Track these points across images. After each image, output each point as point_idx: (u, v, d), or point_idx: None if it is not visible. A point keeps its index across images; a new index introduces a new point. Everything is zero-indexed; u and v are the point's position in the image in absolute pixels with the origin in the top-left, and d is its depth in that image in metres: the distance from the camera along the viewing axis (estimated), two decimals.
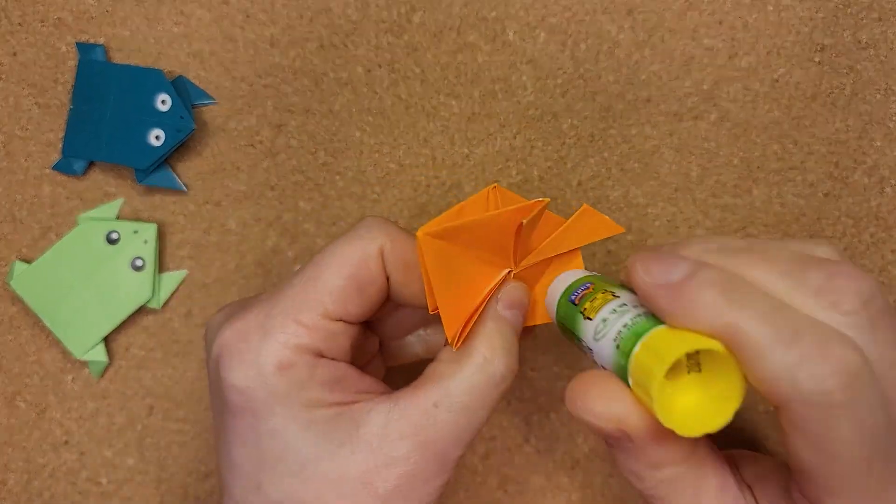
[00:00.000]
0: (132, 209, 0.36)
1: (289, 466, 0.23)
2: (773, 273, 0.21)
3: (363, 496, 0.23)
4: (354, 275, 0.25)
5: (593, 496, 0.35)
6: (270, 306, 0.25)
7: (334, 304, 0.25)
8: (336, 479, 0.23)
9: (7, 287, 0.36)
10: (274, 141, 0.36)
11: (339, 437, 0.23)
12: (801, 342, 0.19)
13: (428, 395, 0.24)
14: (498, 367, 0.24)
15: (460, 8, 0.35)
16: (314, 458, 0.23)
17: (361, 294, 0.25)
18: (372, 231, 0.25)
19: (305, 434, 0.23)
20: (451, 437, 0.24)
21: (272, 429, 0.24)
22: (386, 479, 0.23)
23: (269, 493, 0.24)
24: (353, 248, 0.25)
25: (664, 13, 0.35)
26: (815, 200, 0.35)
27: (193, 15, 0.36)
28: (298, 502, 0.23)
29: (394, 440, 0.23)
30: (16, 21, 0.36)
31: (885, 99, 0.35)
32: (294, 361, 0.24)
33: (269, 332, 0.24)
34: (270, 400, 0.24)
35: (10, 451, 0.36)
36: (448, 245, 0.24)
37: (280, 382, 0.24)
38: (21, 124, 0.36)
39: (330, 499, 0.23)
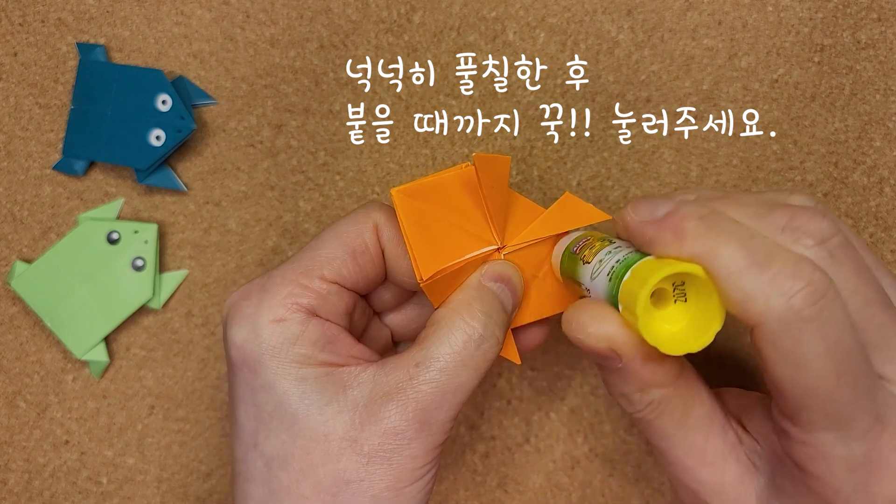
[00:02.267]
0: (132, 209, 0.36)
1: (281, 422, 0.25)
2: (744, 215, 0.23)
3: (348, 453, 0.24)
4: (349, 244, 0.27)
5: (593, 496, 0.35)
6: (272, 272, 0.27)
7: (329, 267, 0.26)
8: (323, 436, 0.24)
9: (7, 287, 0.36)
10: (274, 141, 0.36)
11: (328, 395, 0.25)
12: (773, 264, 0.21)
13: (411, 357, 0.25)
14: (476, 329, 0.25)
15: (460, 8, 0.35)
16: (303, 415, 0.24)
17: (356, 261, 0.27)
18: (368, 210, 0.27)
19: (295, 389, 0.25)
20: (432, 398, 0.24)
21: (265, 382, 0.25)
22: (370, 437, 0.24)
23: (263, 449, 0.25)
24: (348, 223, 0.27)
25: (664, 13, 0.35)
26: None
27: (193, 15, 0.36)
28: (288, 457, 0.24)
29: (377, 400, 0.24)
30: (16, 21, 0.36)
31: (884, 99, 0.35)
32: (287, 317, 0.25)
33: (267, 290, 0.26)
34: (264, 354, 0.25)
35: (10, 451, 0.36)
36: (424, 206, 0.26)
37: (272, 336, 0.25)
38: (21, 124, 0.36)
39: (316, 455, 0.24)
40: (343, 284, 0.27)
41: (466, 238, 0.27)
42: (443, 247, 0.26)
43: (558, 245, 0.28)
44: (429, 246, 0.26)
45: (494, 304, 0.26)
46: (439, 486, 0.35)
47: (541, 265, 0.28)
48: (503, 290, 0.26)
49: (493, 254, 0.27)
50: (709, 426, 0.26)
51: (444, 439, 0.25)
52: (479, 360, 0.25)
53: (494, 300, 0.26)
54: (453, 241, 0.27)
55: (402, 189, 0.26)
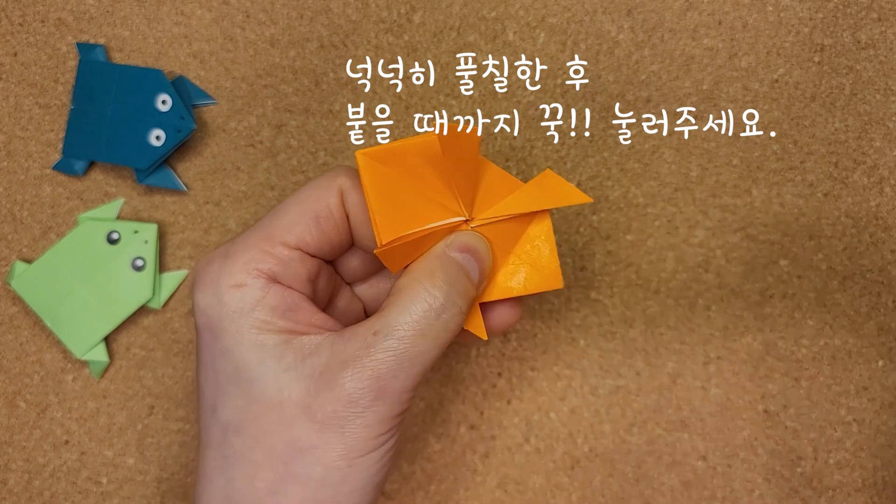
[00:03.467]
0: (132, 209, 0.36)
1: (238, 387, 0.25)
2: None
3: (302, 421, 0.24)
4: (312, 209, 0.26)
5: (593, 496, 0.35)
6: (235, 238, 0.27)
7: (291, 233, 0.26)
8: (278, 402, 0.24)
9: (7, 287, 0.36)
10: (274, 141, 0.36)
11: (285, 362, 0.24)
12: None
13: (370, 325, 0.25)
14: (438, 298, 0.25)
15: (460, 8, 0.35)
16: (259, 381, 0.24)
17: (318, 226, 0.26)
18: (334, 175, 0.27)
19: (252, 355, 0.25)
20: (389, 366, 0.24)
21: (224, 348, 0.25)
22: (323, 404, 0.24)
23: (220, 415, 0.25)
24: (312, 188, 0.27)
25: (664, 13, 0.35)
26: (815, 200, 0.35)
27: (193, 15, 0.36)
28: (242, 423, 0.24)
29: (334, 368, 0.24)
30: (16, 21, 0.36)
31: (884, 99, 0.35)
32: (247, 282, 0.25)
33: (229, 256, 0.26)
34: (224, 319, 0.25)
35: (10, 451, 0.36)
36: (390, 171, 0.26)
37: (232, 301, 0.25)
38: (21, 124, 0.36)
39: (270, 422, 0.24)
40: (306, 250, 0.26)
41: (432, 207, 0.26)
42: (406, 214, 0.26)
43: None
44: (392, 211, 0.25)
45: (458, 275, 0.26)
46: (439, 486, 0.36)
47: (514, 241, 0.27)
48: (469, 260, 0.26)
49: (461, 225, 0.27)
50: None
51: (402, 410, 0.25)
52: (439, 330, 0.25)
53: (459, 270, 0.26)
54: (418, 209, 0.26)
55: (367, 152, 0.25)
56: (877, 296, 0.35)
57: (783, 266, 0.35)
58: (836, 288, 0.35)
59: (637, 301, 0.35)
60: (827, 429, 0.35)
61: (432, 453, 0.36)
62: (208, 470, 0.25)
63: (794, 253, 0.35)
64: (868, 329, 0.35)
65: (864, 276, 0.35)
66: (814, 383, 0.35)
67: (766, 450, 0.35)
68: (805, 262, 0.35)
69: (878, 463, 0.35)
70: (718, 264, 0.35)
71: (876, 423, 0.35)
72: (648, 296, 0.35)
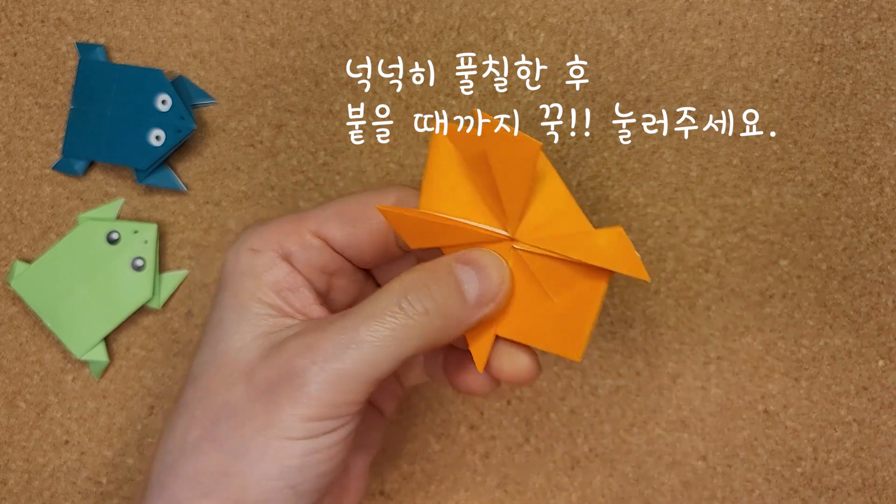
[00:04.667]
0: (132, 209, 0.36)
1: (212, 338, 0.26)
2: None
3: (241, 384, 0.24)
4: (352, 211, 0.27)
5: (593, 496, 0.35)
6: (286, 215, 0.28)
7: (323, 224, 0.27)
8: (233, 360, 0.24)
9: (7, 287, 0.36)
10: (274, 141, 0.36)
11: (256, 332, 0.25)
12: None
13: (344, 312, 0.24)
14: (411, 301, 0.24)
15: (460, 8, 0.35)
16: (229, 338, 0.25)
17: (353, 226, 0.27)
18: (390, 189, 0.28)
19: (234, 315, 0.25)
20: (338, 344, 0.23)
21: (221, 300, 0.26)
22: (265, 369, 0.24)
23: (193, 361, 0.26)
24: (364, 194, 0.28)
25: (664, 13, 0.35)
26: (815, 200, 0.35)
27: (193, 15, 0.36)
28: (200, 374, 0.25)
29: (290, 338, 0.24)
30: (16, 21, 0.36)
31: (884, 99, 0.35)
32: (262, 250, 0.27)
33: (265, 225, 0.27)
34: (232, 275, 0.26)
35: (10, 451, 0.36)
36: (458, 153, 0.25)
37: (243, 262, 0.26)
38: (21, 124, 0.36)
39: (219, 378, 0.24)
40: (330, 244, 0.27)
41: (481, 208, 0.24)
42: (454, 199, 0.24)
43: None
44: (441, 189, 0.25)
45: (443, 280, 0.24)
46: (439, 486, 0.36)
47: (557, 284, 0.25)
48: (469, 274, 0.24)
49: (503, 240, 0.25)
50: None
51: (343, 401, 0.23)
52: (398, 323, 0.23)
53: (449, 281, 0.24)
54: (466, 202, 0.25)
55: (449, 127, 0.25)
56: (877, 296, 0.35)
57: (783, 266, 0.35)
58: (837, 288, 0.35)
59: (637, 301, 0.35)
60: (827, 429, 0.35)
61: (432, 453, 0.36)
62: (168, 417, 0.26)
63: (794, 253, 0.35)
64: (868, 329, 0.35)
65: (865, 276, 0.35)
66: (814, 383, 0.35)
67: (766, 450, 0.35)
68: (805, 262, 0.35)
69: (878, 463, 0.35)
70: (718, 264, 0.35)
71: (876, 423, 0.35)
72: (648, 296, 0.35)
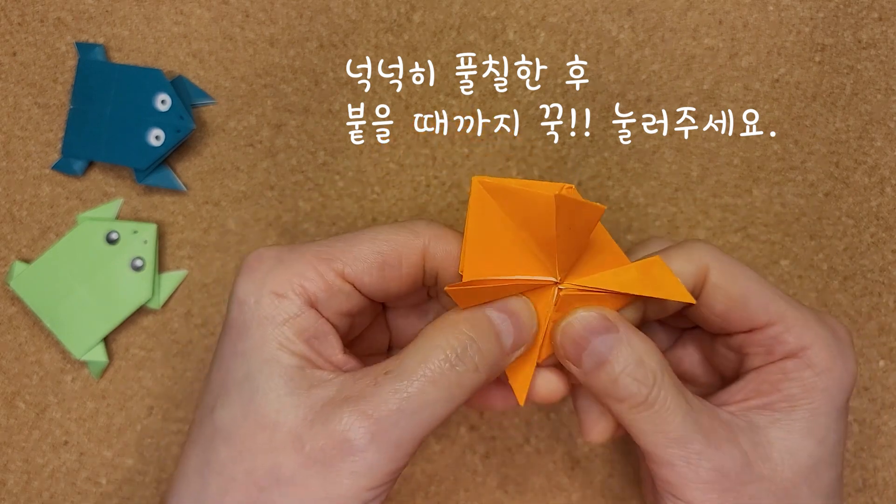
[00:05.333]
0: (132, 209, 0.36)
1: (241, 395, 0.24)
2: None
3: (288, 449, 0.23)
4: (384, 252, 0.25)
5: (593, 496, 0.35)
6: (298, 246, 0.26)
7: (353, 267, 0.25)
8: (272, 423, 0.23)
9: (6, 287, 0.36)
10: (273, 141, 0.36)
11: (291, 386, 0.24)
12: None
13: (384, 365, 0.24)
14: (456, 348, 0.24)
15: (460, 8, 0.35)
16: (262, 395, 0.23)
17: (382, 272, 0.26)
18: (419, 226, 0.26)
19: (264, 368, 0.24)
20: (391, 408, 0.23)
21: (243, 349, 0.24)
22: (315, 437, 0.23)
23: (216, 417, 0.24)
24: (395, 232, 0.26)
25: (664, 12, 0.35)
26: (816, 200, 0.35)
27: (193, 14, 0.36)
28: (233, 433, 0.24)
29: (336, 402, 0.23)
30: (15, 21, 0.36)
31: (885, 99, 0.35)
32: (288, 295, 0.25)
33: (282, 262, 0.25)
34: (253, 321, 0.24)
35: (9, 452, 0.36)
36: (498, 207, 0.25)
37: (268, 306, 0.24)
38: (20, 124, 0.36)
39: (259, 441, 0.23)
40: (359, 289, 0.26)
41: (527, 258, 0.25)
42: (498, 257, 0.25)
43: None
44: (484, 250, 0.25)
45: (485, 332, 0.24)
46: (439, 486, 0.35)
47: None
48: (505, 321, 0.25)
49: (549, 286, 0.25)
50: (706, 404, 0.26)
51: (398, 467, 0.23)
52: (451, 382, 0.23)
53: (488, 327, 0.24)
54: (512, 257, 0.25)
55: (485, 181, 0.24)
56: (878, 296, 0.35)
57: (784, 266, 0.35)
58: (837, 288, 0.35)
59: None
60: None
61: (432, 454, 0.36)
62: (188, 469, 0.24)
63: (794, 253, 0.35)
64: (869, 329, 0.35)
65: (865, 276, 0.35)
66: None
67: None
68: (806, 262, 0.35)
69: (879, 463, 0.35)
70: None
71: (876, 423, 0.35)
72: None
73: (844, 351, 0.26)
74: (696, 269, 0.26)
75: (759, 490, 0.24)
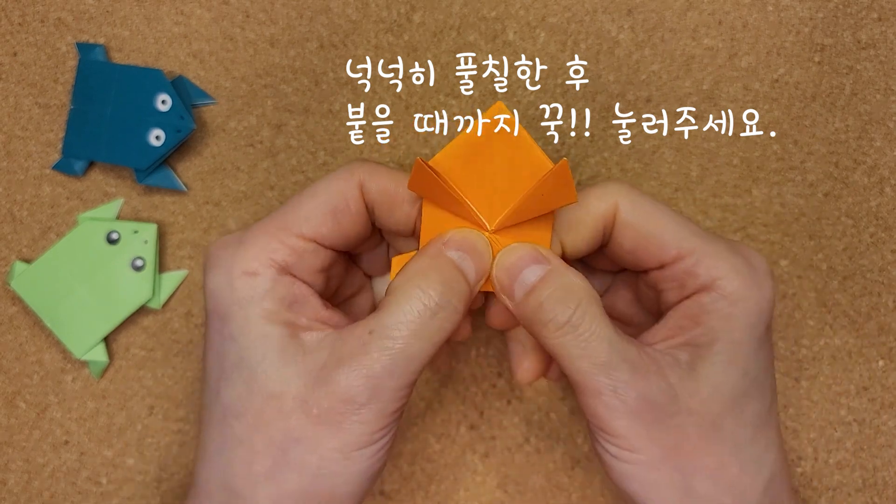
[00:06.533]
0: (132, 209, 0.36)
1: (241, 374, 0.25)
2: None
3: (298, 414, 0.25)
4: (329, 202, 0.27)
5: (593, 496, 0.35)
6: (252, 226, 0.27)
7: (307, 224, 0.26)
8: (277, 393, 0.25)
9: (7, 287, 0.36)
10: (274, 141, 0.36)
11: (286, 356, 0.25)
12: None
13: (366, 324, 0.25)
14: (432, 297, 0.25)
15: (460, 8, 0.35)
16: (261, 371, 0.25)
17: (335, 219, 0.27)
18: (351, 168, 0.27)
19: (257, 345, 0.25)
20: (383, 365, 0.24)
21: (231, 333, 0.25)
22: (319, 400, 0.24)
23: (223, 397, 0.26)
24: (329, 181, 0.27)
25: (664, 13, 0.35)
26: (815, 200, 0.35)
27: (193, 15, 0.36)
28: (243, 410, 0.25)
29: (331, 366, 0.25)
30: (16, 21, 0.36)
31: (884, 99, 0.35)
32: (259, 271, 0.26)
33: (243, 243, 0.26)
34: (233, 305, 0.25)
35: (10, 451, 0.36)
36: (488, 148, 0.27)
37: (243, 287, 0.25)
38: (21, 124, 0.36)
39: (269, 411, 0.25)
40: (321, 242, 0.27)
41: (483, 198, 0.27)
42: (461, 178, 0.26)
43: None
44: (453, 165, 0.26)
45: (453, 274, 0.26)
46: (439, 486, 0.36)
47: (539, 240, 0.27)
48: (465, 258, 0.26)
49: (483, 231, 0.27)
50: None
51: (398, 407, 0.25)
52: (433, 330, 0.25)
53: (453, 270, 0.26)
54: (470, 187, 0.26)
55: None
56: (877, 296, 0.35)
57: (783, 266, 0.35)
58: (837, 288, 0.35)
59: None
60: (827, 429, 0.35)
61: (432, 453, 0.36)
62: (209, 449, 0.26)
63: (794, 253, 0.35)
64: (868, 329, 0.35)
65: (865, 275, 0.35)
66: (814, 383, 0.35)
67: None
68: (805, 262, 0.35)
69: (878, 463, 0.35)
70: None
71: (876, 423, 0.35)
72: None
73: (759, 279, 0.26)
74: (607, 207, 0.27)
75: (686, 423, 0.25)
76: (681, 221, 0.27)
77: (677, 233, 0.26)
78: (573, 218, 0.27)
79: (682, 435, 0.25)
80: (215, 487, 0.26)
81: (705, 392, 0.25)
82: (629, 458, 0.25)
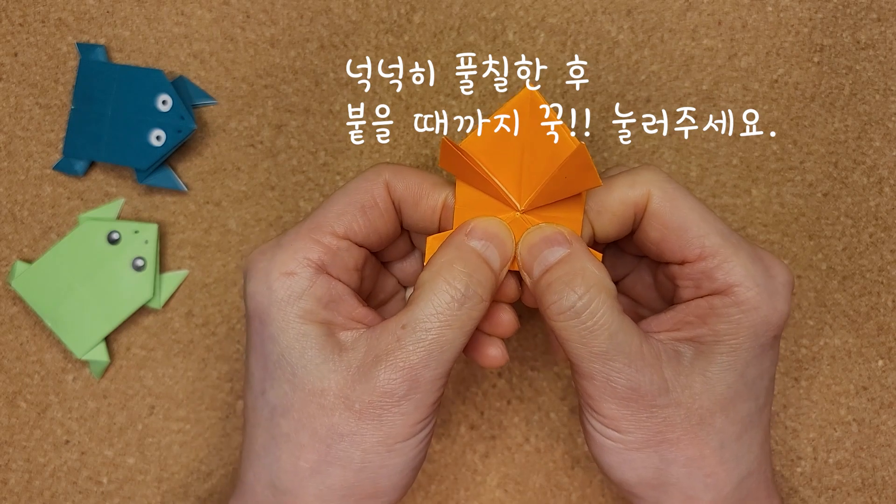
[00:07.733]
0: (133, 209, 0.36)
1: (283, 373, 0.26)
2: None
3: (341, 409, 0.25)
4: (358, 199, 0.28)
5: (593, 496, 0.35)
6: (288, 230, 0.28)
7: (339, 223, 0.27)
8: (319, 391, 0.26)
9: (8, 287, 0.36)
10: (274, 141, 0.36)
11: (325, 354, 0.26)
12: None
13: (398, 320, 0.26)
14: (459, 289, 0.25)
15: (460, 8, 0.35)
16: (301, 369, 0.26)
17: (365, 216, 0.27)
18: (377, 169, 0.28)
19: (296, 344, 0.26)
20: (419, 357, 0.25)
21: (272, 334, 0.26)
22: (360, 395, 0.25)
23: (269, 397, 0.26)
24: (358, 181, 0.28)
25: (664, 13, 0.35)
26: (814, 200, 0.35)
27: (194, 15, 0.36)
28: (288, 407, 0.26)
29: (368, 362, 0.25)
30: (17, 21, 0.36)
31: (883, 99, 0.35)
32: (296, 271, 0.26)
33: (280, 246, 0.27)
34: (272, 306, 0.26)
35: (11, 451, 0.36)
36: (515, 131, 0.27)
37: (281, 288, 0.26)
38: (22, 124, 0.36)
39: (313, 408, 0.26)
40: (353, 239, 0.27)
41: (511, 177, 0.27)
42: (489, 158, 0.27)
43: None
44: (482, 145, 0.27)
45: (478, 264, 0.26)
46: (439, 486, 0.36)
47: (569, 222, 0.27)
48: (489, 247, 0.27)
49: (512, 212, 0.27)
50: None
51: (436, 398, 0.26)
52: (463, 320, 0.26)
53: (478, 259, 0.26)
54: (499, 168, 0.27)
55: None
56: (876, 296, 0.35)
57: None
58: (836, 288, 0.35)
59: None
60: (827, 429, 0.35)
61: (432, 453, 0.36)
62: (256, 447, 0.27)
63: (793, 253, 0.35)
64: (868, 329, 0.35)
65: (864, 275, 0.35)
66: (813, 383, 0.35)
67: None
68: (805, 262, 0.35)
69: (878, 463, 0.35)
70: None
71: (876, 423, 0.35)
72: None
73: (776, 291, 0.27)
74: (639, 195, 0.27)
75: (674, 415, 0.26)
76: (709, 219, 0.27)
77: (703, 231, 0.27)
78: (604, 202, 0.27)
79: (668, 425, 0.26)
80: (262, 486, 0.27)
81: (698, 389, 0.26)
82: (613, 436, 0.26)
